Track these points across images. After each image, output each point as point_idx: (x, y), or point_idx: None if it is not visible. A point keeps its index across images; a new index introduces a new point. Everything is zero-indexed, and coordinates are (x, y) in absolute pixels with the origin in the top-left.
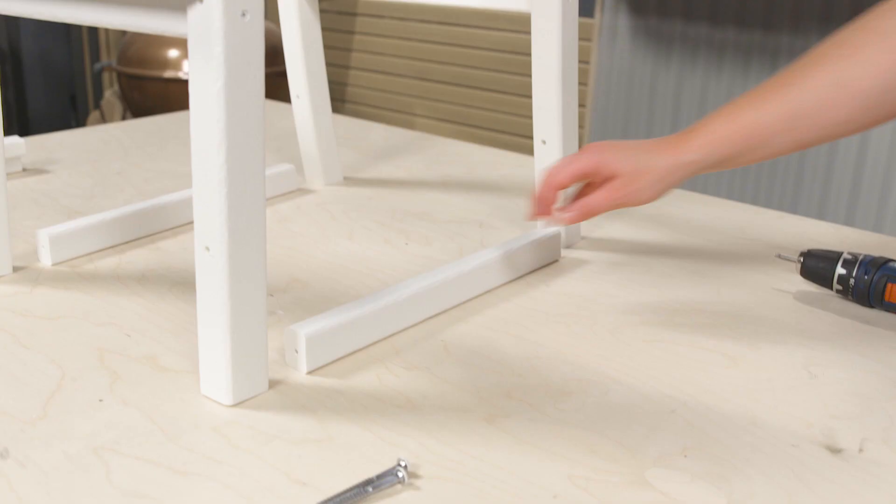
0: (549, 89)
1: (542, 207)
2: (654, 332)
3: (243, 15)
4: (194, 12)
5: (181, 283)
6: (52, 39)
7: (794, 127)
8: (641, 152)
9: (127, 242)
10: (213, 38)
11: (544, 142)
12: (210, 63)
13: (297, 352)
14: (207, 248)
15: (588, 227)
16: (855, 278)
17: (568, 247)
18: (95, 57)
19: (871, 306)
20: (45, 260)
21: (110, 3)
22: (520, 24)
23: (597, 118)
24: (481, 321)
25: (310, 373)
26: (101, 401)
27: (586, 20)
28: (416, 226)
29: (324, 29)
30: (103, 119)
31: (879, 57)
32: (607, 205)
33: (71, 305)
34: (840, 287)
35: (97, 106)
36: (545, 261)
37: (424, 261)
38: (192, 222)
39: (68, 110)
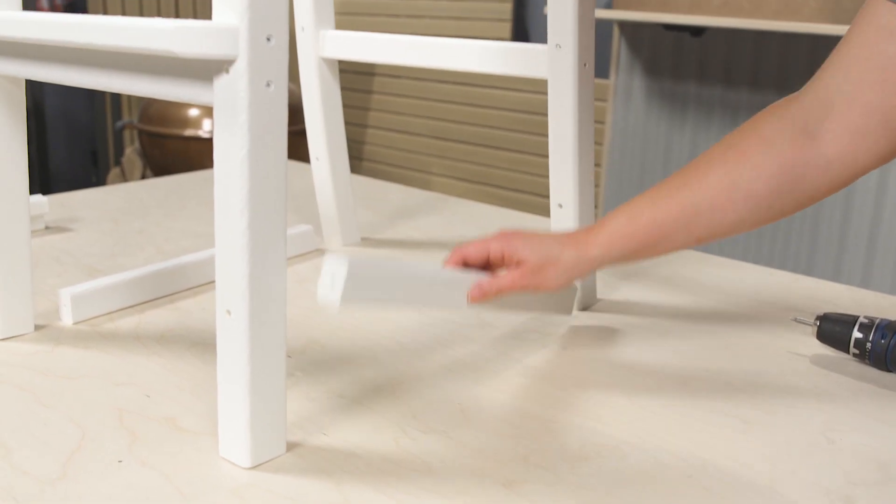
0: (565, 155)
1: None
2: (671, 397)
3: (268, 85)
4: (220, 82)
5: (200, 343)
6: (75, 97)
7: (689, 225)
8: (549, 244)
9: (147, 302)
10: (238, 107)
11: (561, 205)
12: (235, 131)
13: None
14: (229, 312)
15: (604, 290)
16: (872, 342)
17: (584, 309)
18: (117, 115)
19: (889, 370)
20: (67, 319)
21: (139, 73)
22: (537, 86)
23: (612, 178)
24: (497, 384)
25: (325, 434)
26: (120, 462)
27: (602, 81)
28: None
29: (342, 88)
30: (123, 175)
31: (766, 162)
32: (514, 287)
33: (91, 365)
34: (857, 351)
35: (118, 162)
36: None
37: (442, 322)
38: (211, 282)
39: (89, 166)
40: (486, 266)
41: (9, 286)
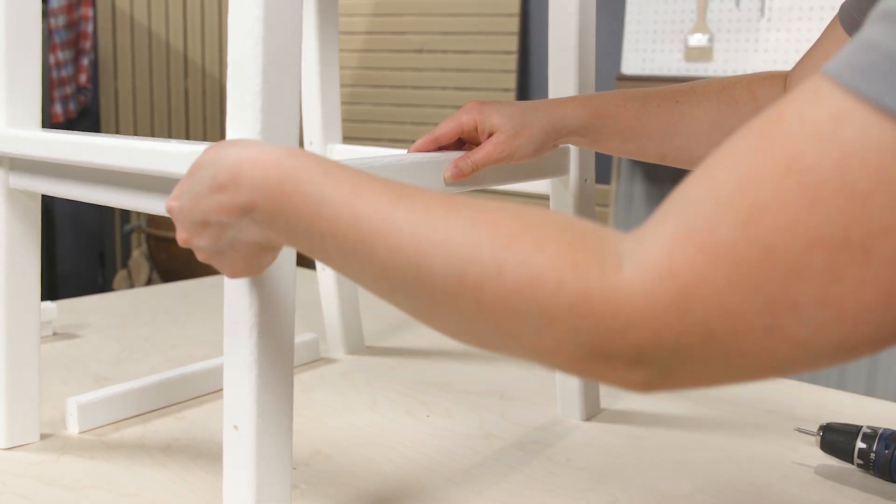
0: None
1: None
2: None
3: None
4: None
5: (206, 454)
6: None
7: (665, 138)
8: (522, 109)
9: (153, 411)
10: None
11: None
12: None
13: None
14: (236, 427)
15: (607, 399)
16: (875, 452)
17: (588, 419)
18: (125, 218)
19: (893, 481)
20: (73, 428)
21: (154, 192)
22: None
23: None
24: (500, 496)
25: None
26: None
27: (603, 187)
28: (437, 397)
29: None
30: (130, 278)
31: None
32: (490, 160)
33: (96, 475)
34: (860, 461)
35: (125, 265)
36: None
37: (446, 434)
38: (217, 391)
39: (96, 268)
40: (461, 145)
41: (16, 395)
